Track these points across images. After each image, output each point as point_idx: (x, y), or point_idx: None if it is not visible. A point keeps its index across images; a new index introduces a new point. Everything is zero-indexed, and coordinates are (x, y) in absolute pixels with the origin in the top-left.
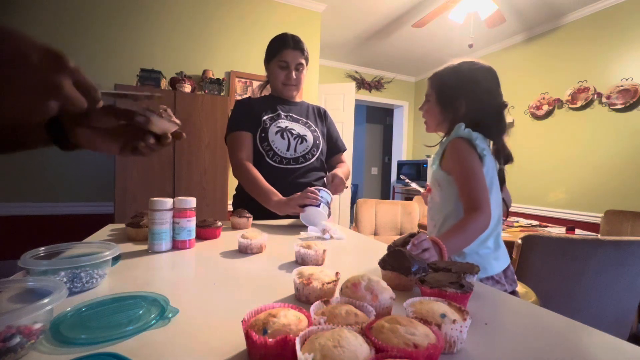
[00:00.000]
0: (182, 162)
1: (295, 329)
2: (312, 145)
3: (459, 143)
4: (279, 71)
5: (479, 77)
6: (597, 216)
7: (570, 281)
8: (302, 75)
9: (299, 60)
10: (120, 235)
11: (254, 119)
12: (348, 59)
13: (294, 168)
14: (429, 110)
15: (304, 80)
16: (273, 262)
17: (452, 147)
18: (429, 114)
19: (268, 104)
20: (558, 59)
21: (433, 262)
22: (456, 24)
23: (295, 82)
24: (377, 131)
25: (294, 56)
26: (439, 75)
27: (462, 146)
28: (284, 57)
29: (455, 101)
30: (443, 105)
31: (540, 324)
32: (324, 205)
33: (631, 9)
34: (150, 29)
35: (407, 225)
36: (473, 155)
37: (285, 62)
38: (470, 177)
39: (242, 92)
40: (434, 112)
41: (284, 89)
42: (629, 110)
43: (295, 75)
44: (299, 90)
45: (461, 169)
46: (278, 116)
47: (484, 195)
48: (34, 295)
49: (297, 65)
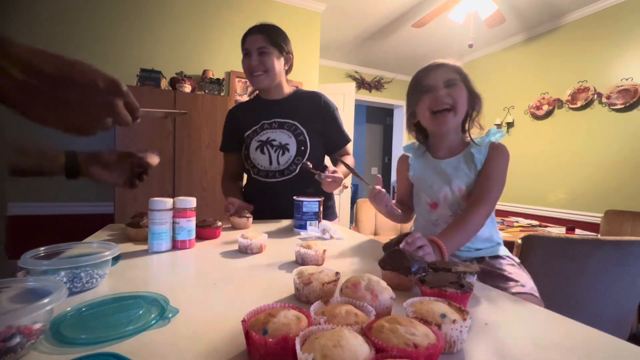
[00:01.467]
0: (182, 162)
1: (295, 329)
2: (296, 155)
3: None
4: (244, 61)
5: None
6: (597, 216)
7: (570, 281)
8: (268, 60)
9: (261, 44)
10: (120, 235)
11: (238, 137)
12: (348, 59)
13: (281, 181)
14: (460, 92)
15: (276, 67)
16: (273, 262)
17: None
18: (462, 98)
19: (252, 114)
20: (558, 59)
21: (433, 262)
22: (456, 24)
23: (262, 69)
24: (377, 131)
25: (253, 40)
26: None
27: (506, 153)
28: (246, 44)
29: (477, 97)
30: (470, 95)
31: (540, 323)
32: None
33: (631, 9)
34: (150, 29)
35: (407, 225)
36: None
37: (246, 49)
38: (500, 185)
39: (242, 92)
40: (464, 98)
41: (253, 80)
42: (629, 110)
43: (258, 61)
44: (271, 78)
45: (497, 175)
46: (261, 128)
47: (496, 197)
48: (34, 295)
49: (260, 49)
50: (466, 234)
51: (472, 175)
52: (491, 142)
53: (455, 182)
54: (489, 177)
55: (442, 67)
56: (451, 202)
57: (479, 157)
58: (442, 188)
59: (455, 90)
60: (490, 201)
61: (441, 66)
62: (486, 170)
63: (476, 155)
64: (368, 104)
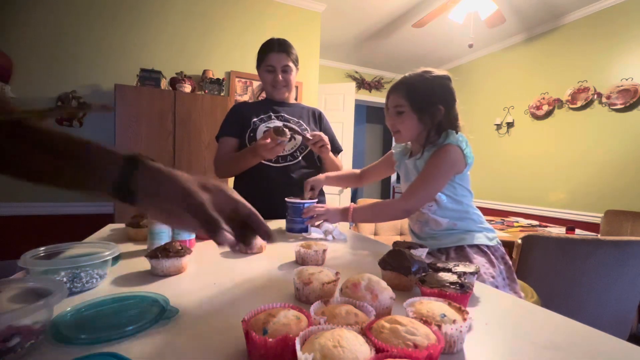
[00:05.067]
0: (182, 162)
1: (295, 329)
2: (302, 143)
3: (451, 148)
4: (267, 75)
5: (445, 81)
6: (597, 216)
7: (570, 281)
8: (290, 76)
9: (285, 63)
10: (120, 235)
11: (243, 122)
12: (348, 59)
13: (284, 166)
14: (405, 121)
15: (293, 81)
16: (273, 262)
17: (437, 151)
18: (406, 125)
19: (261, 107)
20: (558, 59)
21: (433, 262)
22: (456, 24)
23: (284, 84)
24: (377, 131)
25: (279, 59)
26: (407, 84)
27: (453, 151)
28: (270, 61)
29: (432, 107)
30: (420, 113)
31: (540, 324)
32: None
33: (631, 9)
34: (150, 29)
35: (407, 225)
36: (455, 164)
37: (271, 66)
38: (431, 181)
39: (242, 92)
40: (411, 122)
41: (273, 91)
42: (629, 110)
43: (282, 77)
44: (290, 91)
45: (433, 169)
46: (269, 117)
47: (421, 199)
48: (34, 295)
49: (284, 67)
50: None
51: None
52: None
53: (408, 180)
54: (424, 172)
55: (393, 94)
56: None
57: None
58: (403, 184)
59: (400, 118)
60: (411, 196)
61: (392, 91)
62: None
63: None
64: (368, 104)
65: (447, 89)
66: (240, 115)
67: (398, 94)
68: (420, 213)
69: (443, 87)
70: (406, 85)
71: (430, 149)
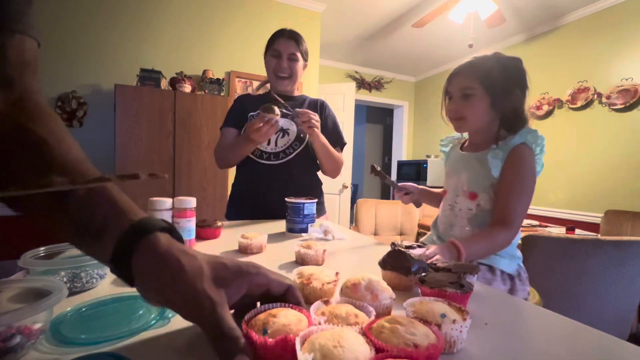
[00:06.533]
0: (182, 162)
1: (295, 329)
2: (295, 139)
3: (526, 151)
4: (271, 60)
5: (519, 64)
6: (597, 216)
7: (570, 281)
8: (296, 65)
9: (292, 50)
10: None
11: (241, 115)
12: (348, 59)
13: (276, 164)
14: (474, 105)
15: (299, 73)
16: (273, 262)
17: (518, 153)
18: (475, 110)
19: (261, 100)
20: (558, 59)
21: (433, 262)
22: (456, 24)
23: (288, 73)
24: (377, 131)
25: (287, 45)
26: (478, 65)
27: (528, 155)
28: (277, 45)
29: (509, 91)
30: (493, 97)
31: (540, 324)
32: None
33: (631, 9)
34: (150, 29)
35: (407, 225)
36: (533, 168)
37: (277, 51)
38: (521, 192)
39: (242, 92)
40: (481, 107)
41: (277, 81)
42: (629, 110)
43: (287, 65)
44: (293, 82)
45: (516, 179)
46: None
47: (521, 215)
48: (34, 295)
49: (290, 55)
50: (488, 248)
51: (479, 177)
52: (515, 146)
53: (462, 177)
54: (510, 191)
55: (459, 76)
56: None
57: (494, 162)
58: (451, 178)
59: (469, 102)
60: (513, 220)
61: (458, 74)
62: (505, 181)
63: (490, 160)
64: (368, 104)
65: (522, 73)
66: (242, 107)
67: (466, 75)
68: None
69: (519, 70)
70: (477, 66)
71: (502, 146)
